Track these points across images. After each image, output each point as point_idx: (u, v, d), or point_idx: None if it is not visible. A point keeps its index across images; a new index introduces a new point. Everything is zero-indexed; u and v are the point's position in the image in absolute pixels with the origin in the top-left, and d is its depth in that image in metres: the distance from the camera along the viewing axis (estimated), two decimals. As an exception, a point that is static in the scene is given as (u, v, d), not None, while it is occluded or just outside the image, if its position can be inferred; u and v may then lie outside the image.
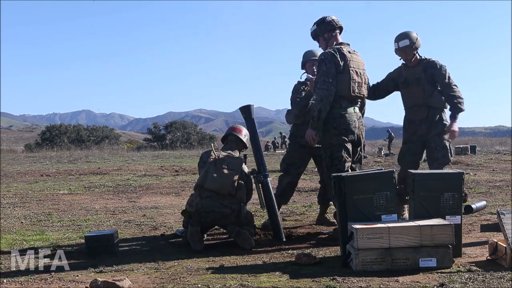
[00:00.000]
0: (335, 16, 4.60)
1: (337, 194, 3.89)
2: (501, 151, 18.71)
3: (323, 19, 4.59)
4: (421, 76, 4.92)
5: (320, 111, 4.33)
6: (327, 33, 4.56)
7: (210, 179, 4.46)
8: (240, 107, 4.98)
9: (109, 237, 4.22)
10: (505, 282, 3.12)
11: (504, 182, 8.97)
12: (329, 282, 3.20)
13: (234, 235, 4.33)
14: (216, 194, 4.43)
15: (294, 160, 5.29)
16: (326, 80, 4.32)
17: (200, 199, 4.44)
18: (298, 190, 8.45)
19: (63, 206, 7.15)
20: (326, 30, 4.56)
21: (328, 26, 4.55)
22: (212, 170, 4.50)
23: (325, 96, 4.31)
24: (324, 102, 4.32)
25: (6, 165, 15.62)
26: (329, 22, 4.55)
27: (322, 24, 4.57)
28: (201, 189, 4.48)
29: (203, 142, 38.86)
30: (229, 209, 4.40)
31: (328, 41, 4.57)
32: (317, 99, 4.36)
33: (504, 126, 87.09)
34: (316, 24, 4.60)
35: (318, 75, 4.42)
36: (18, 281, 3.41)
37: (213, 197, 4.41)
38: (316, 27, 4.60)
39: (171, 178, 11.08)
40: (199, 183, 4.53)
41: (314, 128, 4.41)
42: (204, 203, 4.41)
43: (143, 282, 3.33)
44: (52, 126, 39.27)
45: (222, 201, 4.41)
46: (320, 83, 4.36)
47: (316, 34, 4.63)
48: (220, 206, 4.39)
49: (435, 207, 3.80)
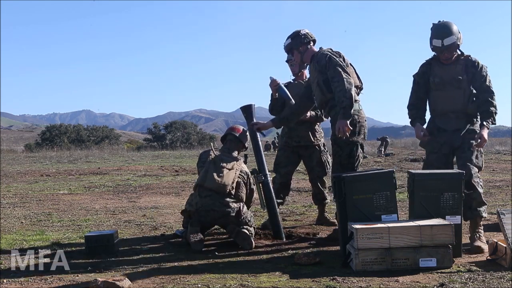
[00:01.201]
0: (308, 30, 4.57)
1: (337, 194, 3.89)
2: (501, 151, 18.71)
3: (297, 32, 4.53)
4: (463, 77, 4.30)
5: (351, 98, 4.05)
6: (302, 46, 4.51)
7: (210, 178, 4.47)
8: (241, 106, 4.98)
9: (109, 237, 4.22)
10: (505, 282, 3.13)
11: (504, 182, 8.96)
12: (329, 282, 3.20)
13: (234, 235, 4.33)
14: (216, 193, 4.43)
15: (280, 159, 5.33)
16: (344, 69, 4.17)
17: (200, 198, 4.44)
18: (298, 190, 8.46)
19: (63, 206, 7.14)
20: (301, 43, 4.51)
21: (302, 39, 4.50)
22: (212, 169, 4.51)
23: (349, 83, 4.10)
24: (351, 88, 4.07)
25: (6, 165, 15.62)
26: (303, 35, 4.50)
27: (296, 37, 4.51)
28: (200, 189, 4.48)
29: (203, 142, 38.84)
30: (229, 208, 4.40)
31: (304, 54, 4.53)
32: (343, 88, 4.06)
33: (504, 126, 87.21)
34: (291, 38, 4.54)
35: (331, 70, 4.20)
36: (18, 281, 3.41)
37: (213, 196, 4.42)
38: (291, 40, 4.54)
39: (171, 178, 11.08)
40: (198, 183, 4.53)
41: (348, 117, 4.08)
42: (204, 202, 4.41)
43: (143, 282, 3.33)
44: (52, 126, 39.25)
45: (222, 200, 4.41)
46: (337, 74, 4.13)
47: (290, 47, 4.57)
48: (220, 205, 4.39)
49: (435, 207, 3.80)
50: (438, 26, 4.31)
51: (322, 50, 4.43)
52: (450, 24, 4.28)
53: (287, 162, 5.32)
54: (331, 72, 4.21)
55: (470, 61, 4.32)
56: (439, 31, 4.27)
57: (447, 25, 4.27)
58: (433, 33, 4.31)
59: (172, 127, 41.64)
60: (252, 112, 4.95)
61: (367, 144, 27.49)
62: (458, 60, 4.34)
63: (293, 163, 5.36)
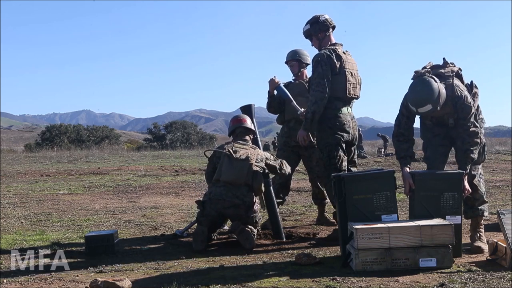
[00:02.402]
0: (328, 15, 4.59)
1: (337, 194, 3.89)
2: (501, 151, 18.68)
3: (316, 18, 4.55)
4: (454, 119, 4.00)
5: (314, 113, 4.35)
6: (321, 33, 4.54)
7: (225, 171, 4.52)
8: (241, 106, 4.98)
9: (109, 237, 4.23)
10: (505, 282, 3.13)
11: (504, 182, 8.96)
12: (329, 282, 3.20)
13: (238, 232, 4.33)
14: (231, 184, 4.48)
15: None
16: (321, 82, 4.33)
17: (214, 188, 4.52)
18: (298, 190, 8.46)
19: (63, 206, 7.14)
20: (320, 30, 4.54)
21: (322, 26, 4.53)
22: (226, 163, 4.55)
23: (319, 98, 4.32)
24: (318, 104, 4.33)
25: (6, 165, 15.60)
26: (323, 21, 4.53)
27: (316, 23, 4.54)
28: (217, 182, 4.55)
29: (203, 142, 38.83)
30: (240, 200, 4.44)
31: (322, 40, 4.56)
32: (311, 101, 4.36)
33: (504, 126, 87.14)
34: (310, 24, 4.57)
35: (313, 76, 4.42)
36: (18, 281, 3.42)
37: (227, 187, 4.47)
38: (310, 26, 4.57)
39: (171, 178, 11.08)
40: (215, 178, 4.59)
41: (306, 129, 4.46)
42: (217, 191, 4.48)
43: (143, 282, 3.33)
44: (52, 126, 39.22)
45: (235, 191, 4.45)
46: (314, 85, 4.36)
47: (309, 33, 4.60)
48: (232, 196, 4.44)
49: (435, 207, 3.80)
50: (414, 91, 3.82)
51: (322, 49, 4.47)
52: (427, 90, 3.73)
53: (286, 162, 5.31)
54: (311, 79, 4.43)
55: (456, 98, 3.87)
56: (414, 97, 3.82)
57: (423, 93, 3.75)
58: (409, 96, 3.87)
59: (172, 127, 41.62)
60: (252, 112, 4.96)
61: (367, 144, 27.47)
62: (446, 102, 3.84)
63: (292, 163, 5.36)
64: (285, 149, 5.35)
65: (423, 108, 3.78)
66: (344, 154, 4.47)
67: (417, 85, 3.81)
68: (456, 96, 3.87)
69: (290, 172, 5.34)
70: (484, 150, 4.21)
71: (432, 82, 3.75)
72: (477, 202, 4.10)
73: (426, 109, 3.78)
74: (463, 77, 4.10)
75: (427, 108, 3.76)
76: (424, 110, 3.79)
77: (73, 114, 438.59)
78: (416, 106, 3.80)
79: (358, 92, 4.56)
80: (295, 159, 5.38)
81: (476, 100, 4.07)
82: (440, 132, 4.14)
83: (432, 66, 4.06)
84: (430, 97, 3.72)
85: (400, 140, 4.04)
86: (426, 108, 3.77)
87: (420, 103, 3.77)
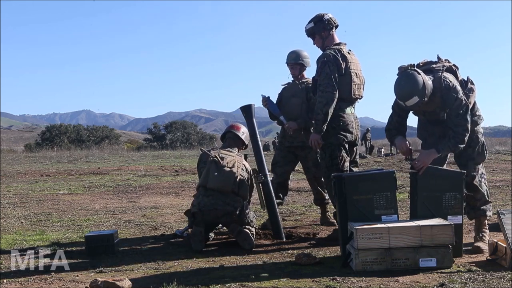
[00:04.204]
0: (332, 14, 4.56)
1: (337, 194, 3.89)
2: (501, 151, 18.67)
3: (320, 16, 4.51)
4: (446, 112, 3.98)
5: (326, 114, 4.28)
6: (325, 32, 4.50)
7: (212, 178, 4.46)
8: (241, 106, 4.98)
9: (109, 237, 4.22)
10: (505, 282, 3.13)
11: (504, 182, 8.96)
12: (329, 282, 3.20)
13: (236, 234, 4.33)
14: (219, 192, 4.43)
15: (277, 159, 5.34)
16: (330, 83, 4.28)
17: (202, 198, 4.43)
18: (298, 190, 8.46)
19: (63, 206, 7.14)
20: (324, 29, 4.50)
21: (326, 24, 4.49)
22: (213, 169, 4.50)
23: (330, 99, 4.28)
24: (330, 105, 4.28)
25: (6, 165, 15.60)
26: (327, 20, 4.49)
27: (320, 22, 4.49)
28: (203, 189, 4.48)
29: (203, 142, 38.85)
30: (232, 207, 4.40)
31: (325, 40, 4.52)
32: (322, 102, 4.29)
33: (504, 126, 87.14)
34: (314, 22, 4.51)
35: (321, 77, 4.34)
36: (18, 281, 3.42)
37: (215, 195, 4.41)
38: (314, 24, 4.51)
39: (171, 178, 11.07)
40: (201, 184, 4.52)
41: (319, 132, 4.36)
42: (207, 202, 4.40)
43: (143, 282, 3.33)
44: (52, 126, 39.23)
45: (225, 199, 4.41)
46: (323, 86, 4.30)
47: (312, 32, 4.54)
48: (223, 204, 4.39)
49: (437, 207, 3.80)
50: (399, 86, 3.83)
51: (327, 49, 4.44)
52: (411, 83, 3.75)
53: (283, 162, 5.30)
54: (320, 80, 4.35)
55: (444, 89, 3.88)
56: (399, 91, 3.84)
57: (407, 86, 3.77)
58: (395, 91, 3.89)
59: (172, 127, 41.64)
60: (252, 112, 4.95)
61: (367, 144, 27.47)
62: (435, 94, 3.87)
63: (290, 163, 5.35)
64: (282, 149, 5.36)
65: (410, 101, 3.79)
66: (346, 154, 4.45)
67: (401, 79, 3.84)
68: (444, 87, 3.88)
69: (287, 172, 5.33)
70: (484, 149, 4.20)
71: (415, 75, 3.78)
72: (478, 203, 4.09)
73: (413, 102, 3.79)
74: (457, 73, 4.11)
75: (414, 101, 3.78)
76: (412, 102, 3.80)
77: (73, 114, 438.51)
78: (403, 100, 3.84)
79: (362, 92, 4.55)
80: (292, 159, 5.36)
81: (472, 96, 4.06)
82: (436, 131, 4.14)
83: (425, 62, 4.11)
84: (415, 89, 3.75)
85: (392, 133, 4.16)
86: (413, 101, 3.78)
87: (407, 96, 3.80)
